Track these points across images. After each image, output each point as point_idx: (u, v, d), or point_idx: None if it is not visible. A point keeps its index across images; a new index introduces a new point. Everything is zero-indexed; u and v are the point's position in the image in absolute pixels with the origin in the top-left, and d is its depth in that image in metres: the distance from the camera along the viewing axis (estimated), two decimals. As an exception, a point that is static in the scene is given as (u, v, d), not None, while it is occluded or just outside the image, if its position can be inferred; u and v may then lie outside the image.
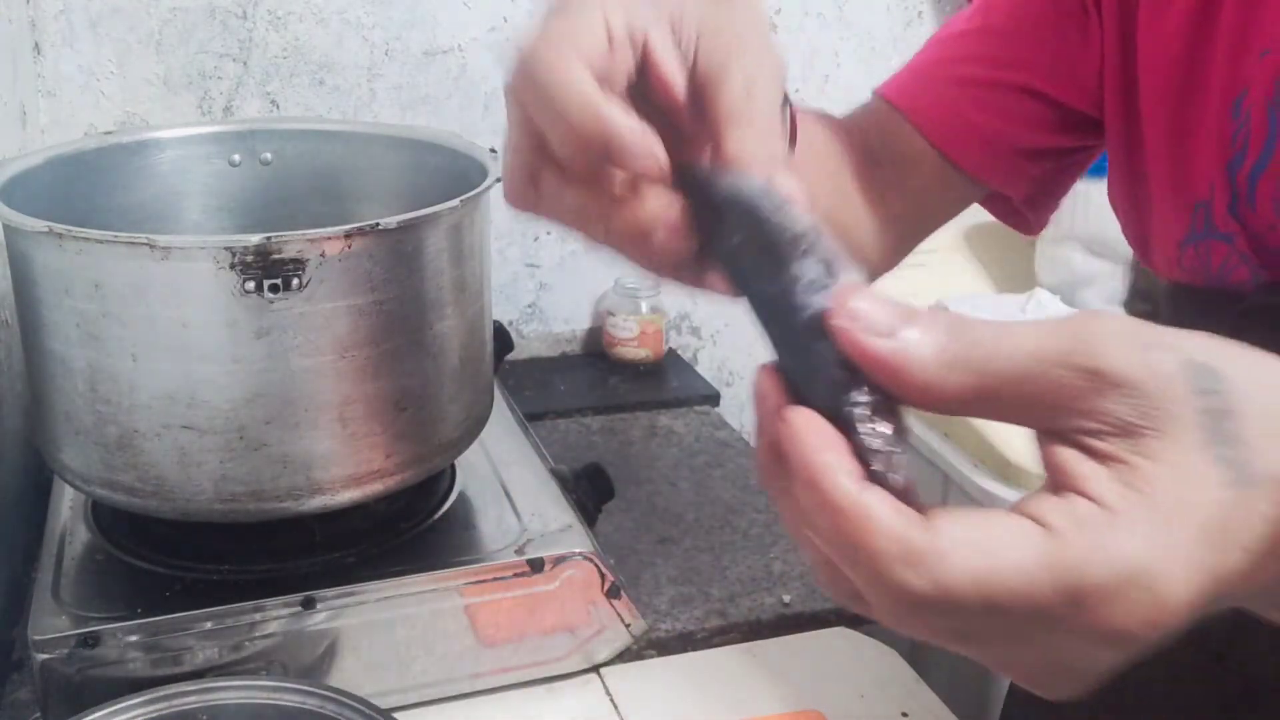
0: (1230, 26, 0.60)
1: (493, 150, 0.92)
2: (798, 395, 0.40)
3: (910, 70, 0.79)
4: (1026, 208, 0.78)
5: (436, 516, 0.90)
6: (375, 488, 0.81)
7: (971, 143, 0.74)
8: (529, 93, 0.45)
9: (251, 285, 0.72)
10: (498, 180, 0.86)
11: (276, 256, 0.72)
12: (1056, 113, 0.73)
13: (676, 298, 1.60)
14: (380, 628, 0.81)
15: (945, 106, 0.75)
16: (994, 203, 0.80)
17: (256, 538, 0.82)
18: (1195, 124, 0.62)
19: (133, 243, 0.71)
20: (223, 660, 0.77)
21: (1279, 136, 0.58)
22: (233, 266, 0.72)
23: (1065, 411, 0.35)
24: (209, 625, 0.77)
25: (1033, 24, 0.72)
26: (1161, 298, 0.73)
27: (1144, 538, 0.34)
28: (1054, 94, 0.72)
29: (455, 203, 0.80)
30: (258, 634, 0.78)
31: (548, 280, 1.55)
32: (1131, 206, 0.71)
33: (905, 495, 0.37)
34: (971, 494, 1.23)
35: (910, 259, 1.55)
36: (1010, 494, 1.20)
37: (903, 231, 0.80)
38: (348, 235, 0.74)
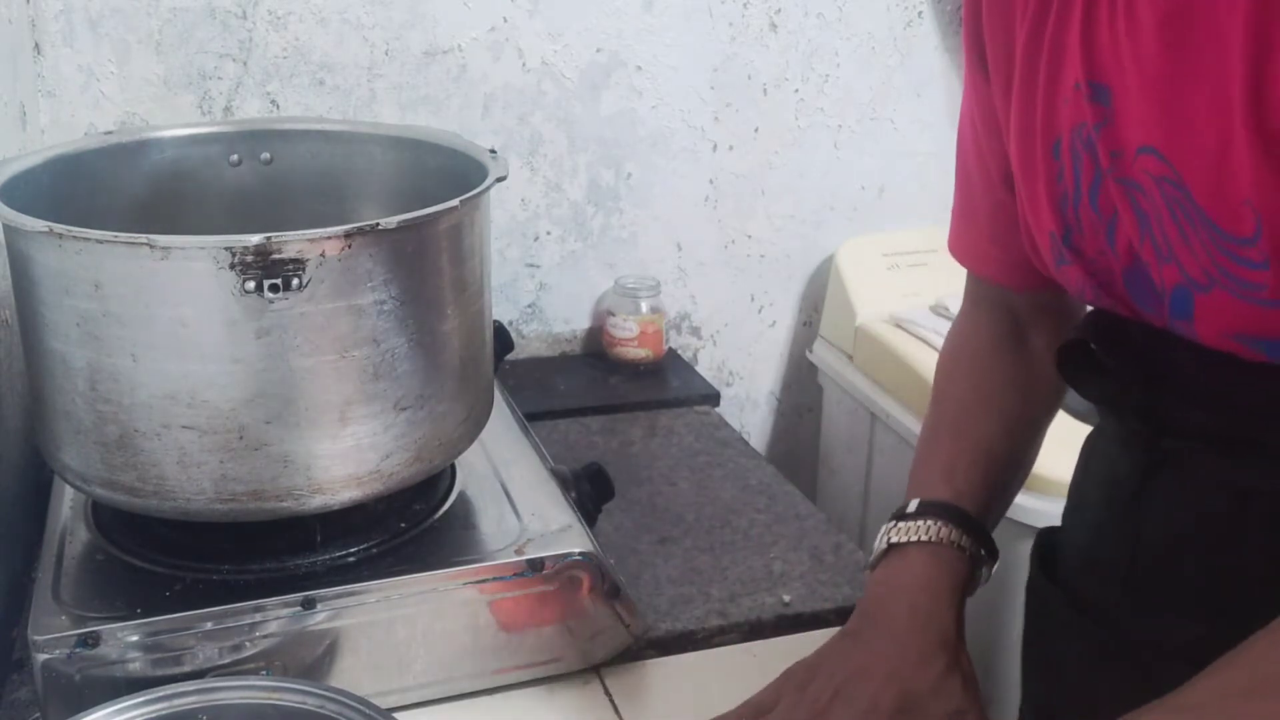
0: (1046, 70, 0.64)
1: (492, 151, 0.92)
2: None
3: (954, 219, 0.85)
4: None
5: (436, 516, 0.90)
6: (375, 488, 0.81)
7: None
8: None
9: (251, 285, 0.72)
10: (498, 180, 0.86)
11: (276, 256, 0.72)
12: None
13: (676, 298, 1.61)
14: (380, 628, 0.81)
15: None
16: None
17: (256, 538, 0.82)
18: (1035, 166, 0.68)
19: (133, 243, 0.71)
20: (223, 660, 0.77)
21: (1081, 174, 0.63)
22: (233, 266, 0.72)
23: None
24: (209, 625, 0.77)
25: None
26: None
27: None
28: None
29: (455, 203, 0.80)
30: (258, 634, 0.78)
31: (548, 280, 1.55)
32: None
33: None
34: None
35: (911, 259, 1.56)
36: (1020, 496, 1.19)
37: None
38: (348, 235, 0.74)
